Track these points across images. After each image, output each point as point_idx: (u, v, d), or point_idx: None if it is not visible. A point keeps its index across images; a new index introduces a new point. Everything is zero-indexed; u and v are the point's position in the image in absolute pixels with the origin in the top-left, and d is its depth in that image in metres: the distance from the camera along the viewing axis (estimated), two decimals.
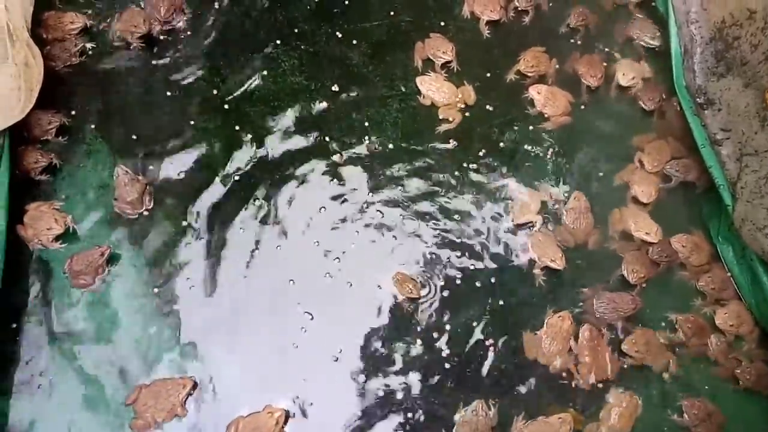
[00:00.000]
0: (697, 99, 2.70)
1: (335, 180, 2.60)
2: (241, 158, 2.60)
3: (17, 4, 2.45)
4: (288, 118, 2.70)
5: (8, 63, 2.35)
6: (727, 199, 2.50)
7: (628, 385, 2.31)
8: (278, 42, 2.85)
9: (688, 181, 2.69)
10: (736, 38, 2.67)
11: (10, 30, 2.36)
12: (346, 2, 2.96)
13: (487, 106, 2.79)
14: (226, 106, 2.70)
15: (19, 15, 2.45)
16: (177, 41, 2.80)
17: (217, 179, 2.55)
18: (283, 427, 2.12)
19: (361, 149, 2.66)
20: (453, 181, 2.64)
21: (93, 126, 2.60)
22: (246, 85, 2.75)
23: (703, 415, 2.25)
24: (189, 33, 2.82)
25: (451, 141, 2.72)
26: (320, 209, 2.54)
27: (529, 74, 2.86)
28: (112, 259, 2.34)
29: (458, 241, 2.53)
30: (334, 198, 2.57)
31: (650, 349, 2.33)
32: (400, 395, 2.26)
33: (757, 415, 2.35)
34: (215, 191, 2.53)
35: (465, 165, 2.68)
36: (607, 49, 2.97)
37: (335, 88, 2.77)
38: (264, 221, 2.50)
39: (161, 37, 2.79)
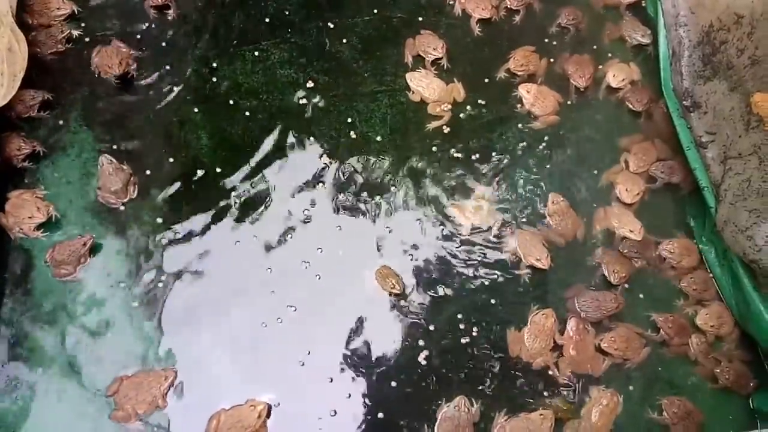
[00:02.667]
0: (684, 102, 2.72)
1: (321, 175, 2.59)
2: (227, 150, 2.59)
3: None
4: (276, 111, 2.69)
5: None
6: (710, 201, 2.52)
7: (608, 383, 2.33)
8: (268, 34, 2.83)
9: (672, 182, 2.72)
10: (723, 42, 2.70)
11: None
12: None
13: (476, 104, 2.80)
14: (214, 98, 2.68)
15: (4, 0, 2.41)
16: (166, 31, 2.78)
17: (202, 171, 2.53)
18: (265, 421, 2.11)
19: (347, 142, 2.65)
20: (440, 178, 2.64)
21: (78, 113, 2.56)
22: (235, 77, 2.73)
23: (682, 413, 2.28)
24: (178, 23, 2.80)
25: (439, 137, 2.72)
26: (304, 203, 2.53)
27: (519, 73, 2.86)
28: (95, 248, 2.31)
29: (443, 237, 2.53)
30: (318, 192, 2.56)
31: (630, 346, 2.35)
32: (382, 390, 2.26)
33: (736, 414, 2.38)
34: (200, 183, 2.51)
35: (452, 162, 2.68)
36: (597, 48, 2.99)
37: (324, 81, 2.76)
38: (247, 214, 2.48)
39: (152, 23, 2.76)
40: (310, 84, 2.75)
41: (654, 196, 2.71)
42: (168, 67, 2.71)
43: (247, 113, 2.67)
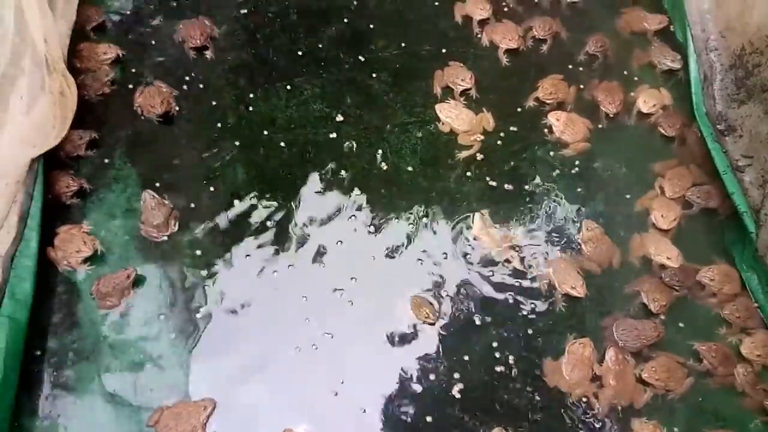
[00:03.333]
0: (718, 126, 2.70)
1: (354, 205, 2.64)
2: (263, 183, 2.66)
3: (55, 36, 2.56)
4: (309, 144, 2.76)
5: (45, 92, 2.45)
6: (750, 226, 2.47)
7: (651, 415, 2.27)
8: (301, 70, 2.93)
9: (709, 207, 2.67)
10: (757, 65, 2.68)
11: (48, 61, 2.47)
12: (368, 32, 3.03)
13: (507, 133, 2.82)
14: (250, 133, 2.77)
15: (56, 46, 2.56)
16: (205, 71, 2.90)
17: (239, 203, 2.60)
18: None
19: (379, 174, 2.70)
20: (472, 207, 2.66)
21: (122, 152, 2.68)
22: (269, 113, 2.82)
23: None
24: (216, 63, 2.92)
25: (470, 167, 2.74)
26: (338, 232, 2.57)
27: (548, 101, 2.89)
28: (138, 281, 2.38)
29: (477, 266, 2.54)
30: (351, 222, 2.60)
31: (672, 376, 2.29)
32: (417, 422, 2.24)
33: None
34: (237, 215, 2.58)
35: (483, 191, 2.70)
36: (626, 74, 2.99)
37: (356, 114, 2.83)
38: (283, 245, 2.53)
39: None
40: (341, 117, 2.82)
41: (691, 222, 2.67)
42: (207, 105, 2.82)
43: (282, 147, 2.75)
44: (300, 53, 2.98)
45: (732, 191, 2.57)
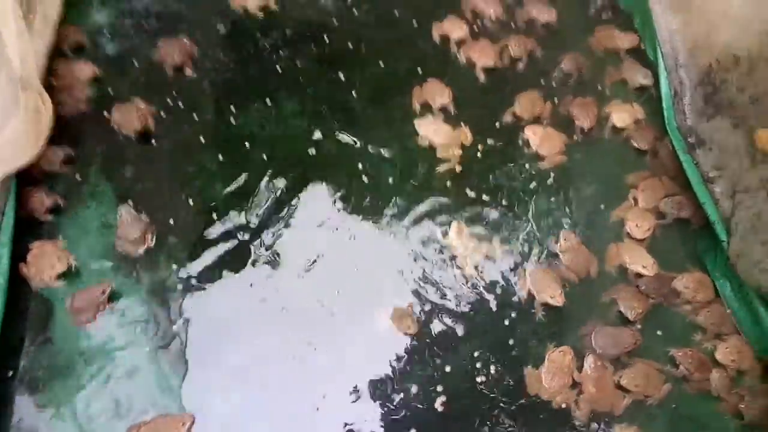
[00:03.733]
0: (689, 139, 2.76)
1: (336, 218, 2.64)
2: (242, 198, 2.65)
3: (31, 54, 2.55)
4: (290, 159, 2.77)
5: (19, 110, 2.43)
6: (722, 235, 2.52)
7: (631, 421, 2.28)
8: (281, 87, 2.95)
9: (682, 217, 2.73)
10: (723, 81, 2.77)
11: (22, 78, 2.45)
12: (347, 50, 3.07)
13: (484, 147, 2.86)
14: (229, 149, 2.77)
15: (32, 65, 2.54)
16: (184, 88, 2.90)
17: (218, 218, 2.59)
18: None
19: (360, 187, 2.71)
20: (452, 217, 2.68)
21: (98, 168, 2.65)
22: (250, 128, 2.83)
23: None
24: (196, 80, 2.93)
25: (449, 180, 2.77)
26: (318, 245, 2.57)
27: (525, 116, 2.94)
28: (114, 296, 2.35)
29: (456, 277, 2.55)
30: (332, 234, 2.61)
31: (650, 383, 2.31)
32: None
33: None
34: (216, 229, 2.57)
35: (462, 202, 2.72)
36: (599, 90, 3.07)
37: (335, 130, 2.85)
38: (262, 257, 2.52)
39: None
40: (320, 134, 2.84)
41: (665, 232, 2.72)
42: (186, 122, 2.82)
43: (262, 162, 2.75)
44: (280, 71, 3.00)
45: (703, 201, 2.62)
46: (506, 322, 2.46)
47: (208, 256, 2.50)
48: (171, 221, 2.56)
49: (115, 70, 2.92)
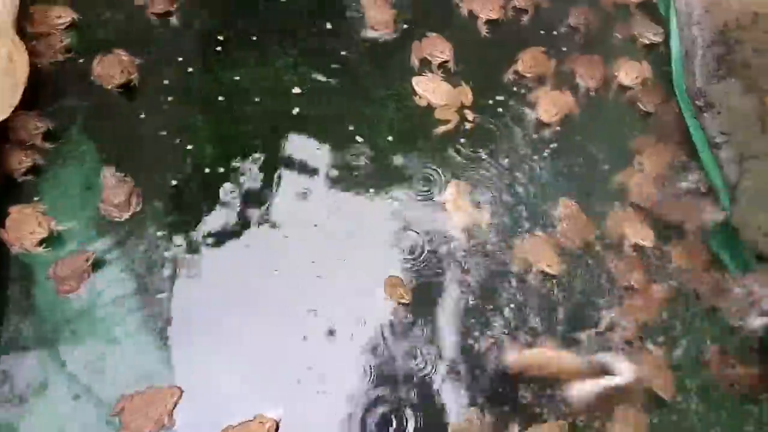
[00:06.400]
0: (697, 102, 2.66)
1: (329, 182, 2.54)
2: (231, 158, 2.54)
3: None
4: (281, 117, 2.64)
5: None
6: (724, 203, 2.47)
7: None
8: (273, 40, 2.79)
9: (687, 184, 2.65)
10: (738, 41, 2.64)
11: None
12: (344, 2, 2.89)
13: (485, 108, 2.74)
14: (217, 105, 2.63)
15: (4, 8, 2.37)
16: (169, 39, 2.74)
17: (207, 180, 2.48)
18: None
19: (354, 148, 2.61)
20: (447, 179, 2.59)
21: (79, 125, 2.52)
22: (239, 84, 2.68)
23: None
24: (181, 30, 2.76)
25: (447, 142, 2.66)
26: (312, 208, 2.48)
27: (528, 75, 2.81)
28: (98, 263, 2.27)
29: (454, 243, 2.48)
30: (326, 197, 2.51)
31: None
32: (392, 404, 2.21)
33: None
34: (204, 192, 2.47)
35: (460, 166, 2.63)
36: (607, 47, 2.93)
37: (330, 87, 2.71)
38: (254, 224, 2.43)
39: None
40: (315, 89, 2.70)
41: (668, 197, 2.64)
42: (171, 75, 2.67)
43: (251, 119, 2.62)
44: (272, 21, 2.83)
45: (709, 168, 2.56)
46: (502, 291, 2.40)
47: (197, 221, 2.41)
48: (157, 183, 2.46)
49: (94, 17, 2.73)
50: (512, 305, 2.39)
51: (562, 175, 2.65)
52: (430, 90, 2.72)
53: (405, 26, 2.87)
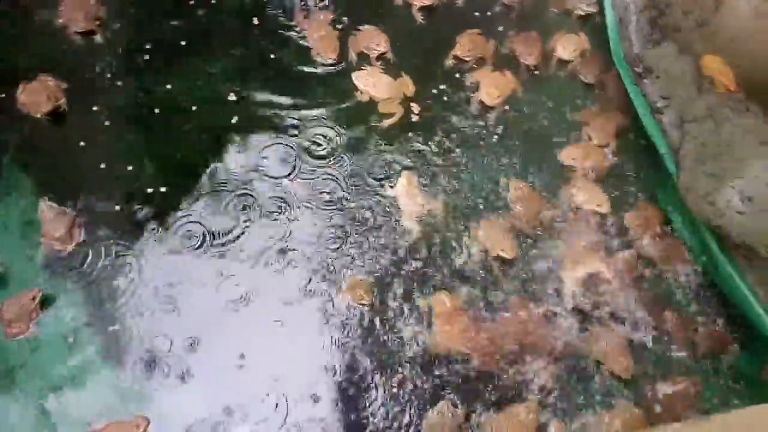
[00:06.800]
0: (636, 68, 2.68)
1: (280, 184, 2.50)
2: (173, 175, 2.48)
3: None
4: (222, 128, 2.57)
5: None
6: (671, 168, 2.50)
7: None
8: (205, 48, 2.71)
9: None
10: (668, 4, 2.66)
11: None
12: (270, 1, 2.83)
13: (428, 96, 2.72)
14: (153, 122, 2.55)
15: None
16: (95, 57, 2.63)
17: (150, 200, 2.42)
18: None
19: (300, 149, 2.57)
20: (397, 172, 2.57)
21: (10, 158, 2.42)
22: (173, 97, 2.60)
23: None
24: (107, 47, 2.65)
25: (393, 134, 2.64)
26: (264, 216, 2.44)
27: (467, 58, 2.79)
28: (46, 300, 2.19)
29: (409, 237, 2.47)
30: (276, 205, 2.47)
31: None
32: (364, 403, 2.20)
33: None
34: (149, 213, 2.40)
35: (409, 157, 2.61)
36: (543, 23, 2.92)
37: (268, 90, 2.65)
38: (202, 239, 2.38)
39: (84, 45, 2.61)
40: (253, 95, 2.64)
41: (617, 167, 2.67)
42: (102, 95, 2.57)
43: (190, 133, 2.55)
44: (202, 28, 2.74)
45: (652, 133, 2.60)
46: (460, 279, 2.41)
47: (146, 245, 2.34)
48: (100, 210, 2.38)
49: (13, 43, 2.61)
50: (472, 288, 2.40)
51: (511, 156, 2.66)
52: (371, 84, 2.68)
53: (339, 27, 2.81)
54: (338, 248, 2.42)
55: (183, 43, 2.71)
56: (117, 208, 2.39)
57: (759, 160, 2.30)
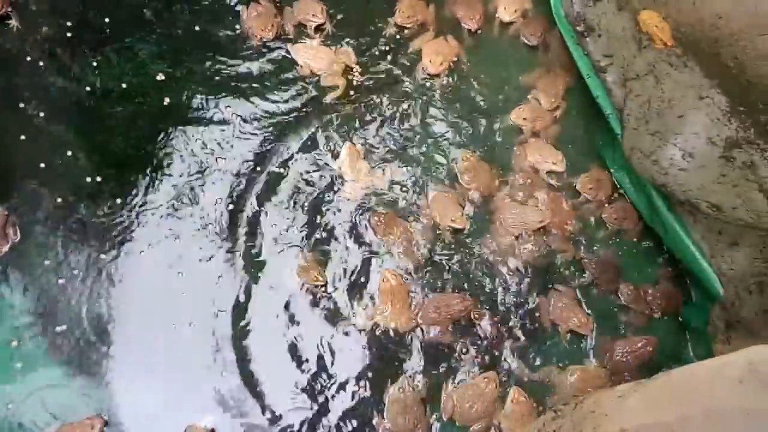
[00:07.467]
0: (577, 27, 2.66)
1: (222, 165, 2.44)
2: (111, 167, 2.38)
3: None
4: (156, 111, 2.47)
5: None
6: (616, 128, 2.52)
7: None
8: (132, 30, 2.56)
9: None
10: None
11: None
12: None
13: (371, 66, 2.65)
14: (84, 112, 2.43)
15: None
16: (11, 45, 2.47)
17: (88, 195, 2.32)
18: None
19: (242, 127, 2.50)
20: (340, 143, 2.53)
21: None
22: (103, 84, 2.47)
23: None
24: (25, 33, 2.48)
25: (338, 107, 2.58)
26: (205, 204, 2.39)
27: (408, 25, 2.72)
28: None
29: (354, 210, 2.45)
30: (221, 186, 2.42)
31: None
32: (325, 384, 2.21)
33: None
34: (88, 208, 2.31)
35: (355, 129, 2.56)
36: None
37: (203, 70, 2.54)
38: (145, 229, 2.32)
39: None
40: (186, 75, 2.53)
41: (567, 129, 2.68)
42: (23, 87, 2.42)
43: (125, 120, 2.44)
44: (127, 9, 2.59)
45: (597, 94, 2.59)
46: (415, 249, 2.40)
47: (86, 240, 2.26)
48: (34, 207, 2.27)
49: None
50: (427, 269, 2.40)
51: (459, 124, 2.63)
52: (311, 56, 2.60)
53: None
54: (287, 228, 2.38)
55: (108, 25, 2.56)
56: (59, 200, 2.29)
57: (698, 116, 2.32)
